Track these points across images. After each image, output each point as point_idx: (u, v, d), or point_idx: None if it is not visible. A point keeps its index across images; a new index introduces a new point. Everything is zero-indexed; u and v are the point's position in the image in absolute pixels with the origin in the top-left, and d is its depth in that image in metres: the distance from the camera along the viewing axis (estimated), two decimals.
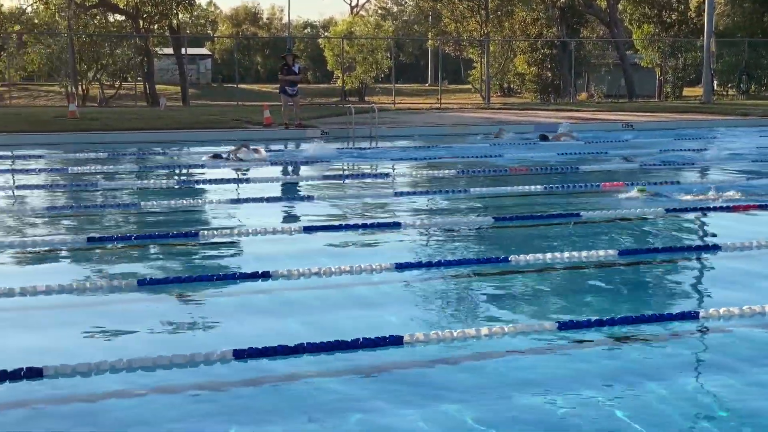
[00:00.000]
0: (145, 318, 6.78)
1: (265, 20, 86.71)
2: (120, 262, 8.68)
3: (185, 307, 7.13)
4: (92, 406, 4.99)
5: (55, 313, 6.86)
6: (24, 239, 9.58)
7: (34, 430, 4.65)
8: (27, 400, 5.03)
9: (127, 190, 13.74)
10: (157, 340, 6.17)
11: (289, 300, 7.33)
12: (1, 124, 24.26)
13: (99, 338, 6.27)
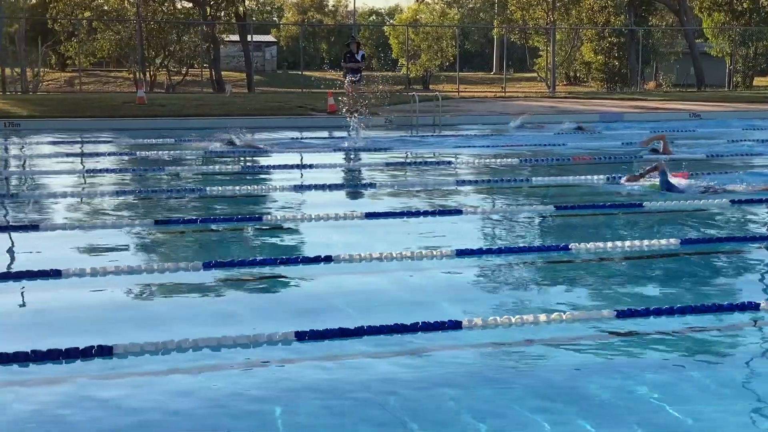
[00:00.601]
0: (210, 299, 6.95)
1: (330, 7, 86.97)
2: (186, 245, 8.87)
3: (248, 289, 7.28)
4: (159, 381, 5.14)
5: (124, 293, 7.03)
6: (95, 221, 9.82)
7: (107, 405, 4.79)
8: (98, 376, 5.19)
9: (193, 175, 13.97)
10: (221, 320, 6.30)
11: (351, 284, 7.44)
12: (72, 110, 24.76)
13: (166, 318, 6.42)
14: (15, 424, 4.51)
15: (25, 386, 5.04)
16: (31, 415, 4.63)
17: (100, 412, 4.69)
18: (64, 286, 7.11)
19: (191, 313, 6.59)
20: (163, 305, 6.79)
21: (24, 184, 13.36)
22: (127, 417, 4.63)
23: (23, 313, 6.55)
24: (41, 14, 47.25)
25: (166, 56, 46.01)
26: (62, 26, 44.87)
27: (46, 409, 4.73)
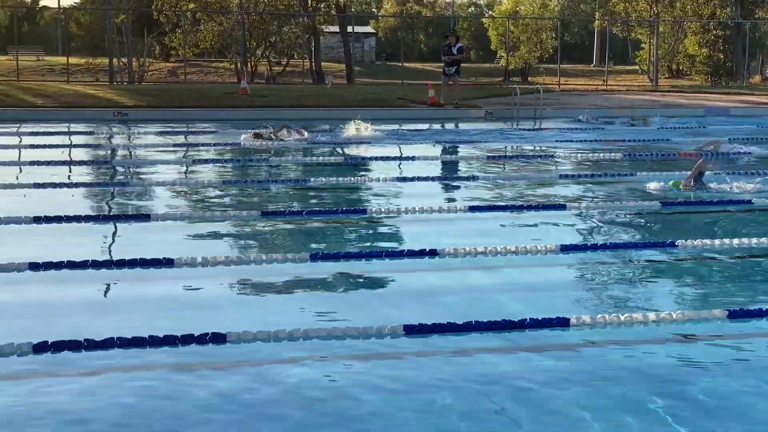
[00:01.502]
0: (318, 290, 7.07)
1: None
2: (292, 236, 9.01)
3: (355, 281, 7.37)
4: (271, 370, 5.25)
5: (233, 282, 7.18)
6: (203, 212, 10.03)
7: (220, 393, 4.91)
8: (212, 362, 5.32)
9: (297, 166, 14.15)
10: (329, 312, 6.39)
11: (456, 278, 7.48)
12: (177, 100, 25.25)
13: (276, 308, 6.55)
14: (131, 408, 4.66)
15: (143, 370, 5.19)
16: (144, 399, 4.77)
17: (215, 399, 4.80)
18: (176, 275, 7.28)
19: (300, 303, 6.70)
20: (273, 295, 6.92)
21: (134, 173, 13.70)
22: (240, 405, 4.73)
23: (138, 300, 6.72)
24: (147, 6, 48.22)
25: (267, 47, 46.50)
26: (167, 18, 45.75)
27: (161, 393, 4.87)
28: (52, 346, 5.29)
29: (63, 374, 5.10)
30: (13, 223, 8.86)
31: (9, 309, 6.33)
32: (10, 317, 6.13)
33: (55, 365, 5.19)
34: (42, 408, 4.61)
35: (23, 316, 6.17)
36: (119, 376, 5.11)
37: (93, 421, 4.49)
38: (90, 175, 13.41)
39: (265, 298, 6.85)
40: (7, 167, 13.52)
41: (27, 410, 4.59)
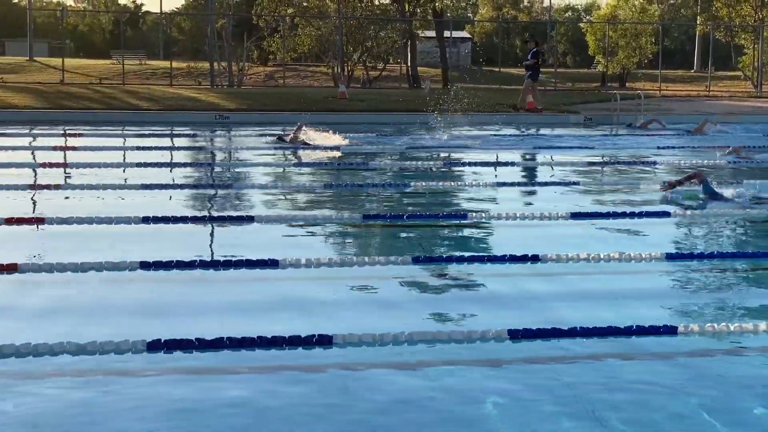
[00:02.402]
0: (421, 294, 7.11)
1: (526, 3, 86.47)
2: (394, 240, 9.07)
3: (458, 285, 7.38)
4: (376, 373, 5.30)
5: (336, 284, 7.26)
6: (305, 214, 10.15)
7: (326, 393, 4.98)
8: (318, 365, 5.39)
9: (396, 170, 14.23)
10: (433, 315, 6.42)
11: (559, 284, 7.44)
12: (276, 103, 25.57)
13: (380, 311, 6.60)
14: (240, 408, 4.74)
15: (252, 371, 5.28)
16: (253, 399, 4.86)
17: (321, 401, 4.86)
18: (281, 276, 7.39)
19: (403, 307, 6.74)
20: (376, 298, 6.98)
21: (237, 175, 13.93)
22: (345, 408, 4.79)
23: (244, 300, 6.84)
24: (247, 11, 48.93)
25: (364, 52, 46.79)
26: (266, 22, 46.39)
27: (269, 393, 4.95)
28: (165, 345, 5.43)
29: (175, 372, 5.23)
30: (123, 223, 9.10)
31: (122, 307, 6.50)
32: (124, 315, 6.29)
33: (168, 363, 5.32)
34: (154, 406, 4.72)
35: (136, 314, 6.33)
36: (229, 376, 5.21)
37: (204, 421, 4.59)
38: (194, 176, 13.71)
39: (369, 300, 6.91)
40: (116, 169, 13.88)
41: (140, 407, 4.70)
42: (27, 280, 7.03)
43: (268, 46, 48.41)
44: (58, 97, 27.30)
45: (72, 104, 25.98)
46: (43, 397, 4.79)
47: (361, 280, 7.38)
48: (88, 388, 4.95)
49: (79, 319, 6.16)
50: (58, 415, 4.58)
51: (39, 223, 9.17)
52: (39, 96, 27.48)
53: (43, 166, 13.83)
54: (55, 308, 6.46)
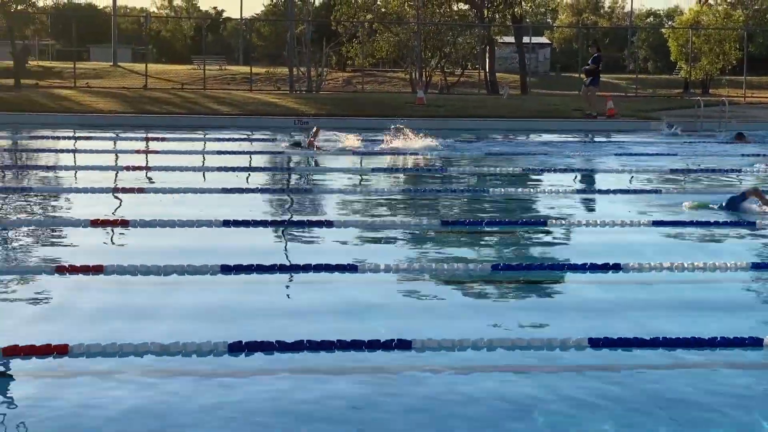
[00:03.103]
0: (500, 300, 7.10)
1: (606, 9, 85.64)
2: (473, 246, 9.05)
3: (537, 292, 7.34)
4: (455, 378, 5.28)
5: (415, 289, 7.27)
6: (383, 220, 10.17)
7: (402, 395, 4.98)
8: (397, 367, 5.41)
9: (475, 176, 14.20)
10: (512, 322, 6.39)
11: (640, 293, 7.35)
12: (355, 109, 25.68)
13: (459, 317, 6.58)
14: (319, 409, 4.78)
15: (330, 374, 5.31)
16: (330, 401, 4.89)
17: (398, 404, 4.87)
18: (360, 281, 7.42)
19: (482, 312, 6.73)
20: (456, 304, 6.97)
21: (316, 179, 14.03)
22: (424, 411, 4.79)
23: (323, 304, 6.87)
24: (326, 17, 49.29)
25: (442, 58, 46.73)
26: (345, 28, 46.66)
27: (348, 396, 4.97)
28: (246, 347, 5.49)
29: (255, 374, 5.28)
30: (204, 226, 9.22)
31: (204, 309, 6.59)
32: (206, 318, 6.37)
33: (248, 364, 5.38)
34: (234, 406, 4.78)
35: (217, 316, 6.41)
36: (308, 377, 5.25)
37: (281, 423, 4.63)
38: (273, 180, 13.84)
39: (448, 306, 6.90)
40: (196, 173, 14.07)
41: (220, 407, 4.76)
42: (112, 281, 7.16)
43: (346, 51, 48.65)
44: (141, 102, 27.79)
45: (155, 109, 26.41)
46: (127, 396, 4.87)
47: (439, 286, 7.38)
48: (170, 388, 5.03)
49: (162, 320, 6.26)
50: (139, 414, 4.65)
51: (123, 225, 9.33)
52: (123, 101, 28.00)
53: (126, 169, 14.09)
54: (139, 309, 6.57)
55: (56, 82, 41.00)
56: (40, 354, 5.29)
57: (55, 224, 9.53)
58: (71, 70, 41.69)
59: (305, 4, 46.37)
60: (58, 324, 6.11)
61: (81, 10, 78.17)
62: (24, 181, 13.01)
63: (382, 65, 54.21)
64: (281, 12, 52.19)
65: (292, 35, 39.67)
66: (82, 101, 27.61)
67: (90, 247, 8.44)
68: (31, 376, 5.11)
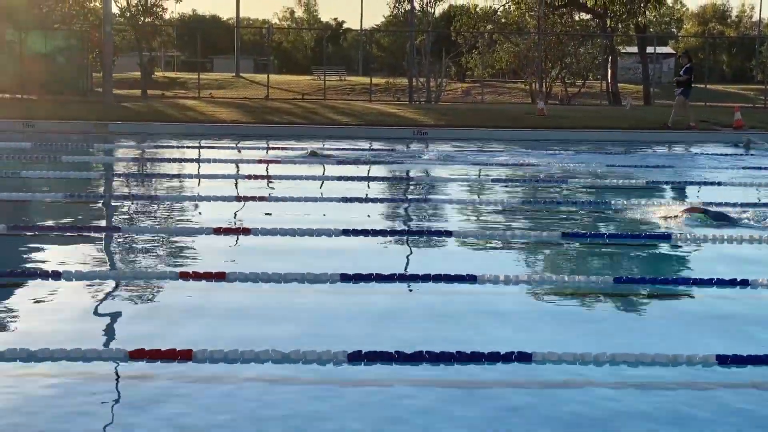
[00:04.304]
0: (622, 314, 6.97)
1: (733, 18, 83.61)
2: (594, 259, 8.90)
3: (661, 307, 7.19)
4: (574, 391, 5.19)
5: (534, 301, 7.19)
6: (502, 231, 10.08)
7: (522, 409, 4.92)
8: (517, 381, 5.34)
9: (595, 188, 13.99)
10: (634, 337, 6.26)
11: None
12: (474, 120, 25.61)
13: (579, 330, 6.47)
14: (437, 422, 4.75)
15: (450, 386, 5.27)
16: (450, 411, 4.85)
17: (516, 417, 4.81)
18: (478, 292, 7.36)
19: (603, 326, 6.61)
20: (576, 317, 6.85)
21: (434, 189, 14.02)
22: (543, 423, 4.72)
23: (441, 314, 6.85)
24: (446, 28, 49.37)
25: (563, 68, 46.31)
26: (464, 39, 46.65)
27: (464, 406, 4.93)
28: (365, 356, 5.49)
29: (374, 384, 5.28)
30: (324, 235, 9.28)
31: (323, 317, 6.63)
32: (325, 326, 6.41)
33: (367, 374, 5.38)
34: (351, 415, 4.79)
35: (336, 325, 6.44)
36: (426, 390, 5.22)
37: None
38: (392, 190, 13.88)
39: (569, 319, 6.79)
40: (316, 182, 14.22)
41: (337, 417, 4.77)
42: (234, 288, 7.26)
43: (466, 62, 48.67)
44: (263, 112, 28.25)
45: (275, 119, 26.82)
46: (247, 402, 4.92)
47: (560, 298, 7.28)
48: (290, 395, 5.07)
49: (282, 327, 6.32)
50: (257, 420, 4.70)
51: (245, 233, 9.47)
52: (245, 111, 28.51)
53: (248, 178, 14.31)
54: (260, 316, 6.65)
55: (181, 92, 42.13)
56: (164, 358, 5.39)
57: (179, 232, 9.74)
58: (195, 80, 42.76)
59: (425, 14, 46.45)
60: (181, 329, 6.22)
61: (205, 22, 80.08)
62: (149, 189, 13.33)
63: (502, 76, 54.02)
64: (401, 23, 52.45)
65: (412, 46, 39.86)
66: (206, 111, 28.23)
67: (213, 254, 8.58)
68: (156, 380, 5.20)
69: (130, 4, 39.40)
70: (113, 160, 18.45)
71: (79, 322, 6.35)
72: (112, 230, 9.84)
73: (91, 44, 36.16)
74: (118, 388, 5.10)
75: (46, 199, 11.65)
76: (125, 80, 41.31)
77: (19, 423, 4.57)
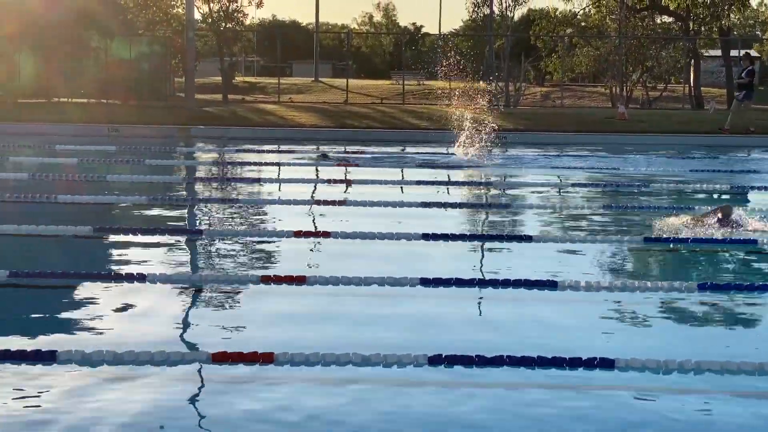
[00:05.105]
0: (706, 322, 6.88)
1: None
2: (678, 264, 8.77)
3: (747, 314, 7.05)
4: (659, 401, 5.11)
5: (616, 308, 7.10)
6: (584, 236, 9.98)
7: (603, 417, 4.86)
8: (599, 387, 5.28)
9: (679, 193, 13.79)
10: (720, 344, 6.16)
11: None
12: (553, 124, 25.41)
13: (661, 337, 6.38)
14: (518, 426, 4.72)
15: (529, 389, 5.24)
16: (530, 416, 4.82)
17: (597, 424, 4.76)
18: (559, 298, 7.30)
19: (688, 334, 6.53)
20: (659, 323, 6.76)
21: (515, 194, 13.95)
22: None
23: (521, 320, 6.81)
24: (525, 32, 49.12)
25: (644, 72, 45.72)
26: (544, 43, 46.36)
27: (544, 412, 4.89)
28: (445, 359, 5.48)
29: (456, 386, 5.27)
30: (403, 239, 9.29)
31: (403, 321, 6.63)
32: (405, 329, 6.41)
33: (447, 377, 5.37)
34: (433, 418, 4.79)
35: (416, 328, 6.44)
36: (507, 393, 5.21)
37: None
38: (472, 195, 13.85)
39: (652, 325, 6.70)
40: (395, 186, 14.22)
41: (420, 420, 4.77)
42: (314, 292, 7.30)
43: (545, 66, 48.37)
44: (342, 116, 28.40)
45: (354, 123, 26.95)
46: (327, 405, 4.95)
47: (643, 305, 7.16)
48: (371, 398, 5.08)
49: (363, 330, 6.34)
50: (338, 423, 4.72)
51: (325, 236, 9.52)
52: (324, 115, 28.69)
53: (328, 182, 14.40)
54: (340, 320, 6.68)
55: (260, 97, 42.55)
56: (247, 361, 5.44)
57: (260, 235, 9.84)
58: (275, 85, 43.13)
59: (504, 18, 46.29)
60: (263, 332, 6.27)
61: (285, 27, 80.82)
62: (231, 192, 13.48)
63: (581, 79, 53.54)
64: (480, 27, 52.33)
65: (491, 50, 39.72)
66: (285, 115, 28.48)
67: (293, 258, 8.65)
68: (239, 382, 5.26)
69: (212, 10, 39.91)
70: (195, 163, 18.71)
71: (162, 325, 6.44)
72: (195, 233, 9.98)
73: (173, 50, 36.74)
74: (201, 390, 5.17)
75: (131, 202, 11.84)
76: (206, 85, 41.83)
77: (108, 425, 4.65)
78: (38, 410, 4.78)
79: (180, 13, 39.32)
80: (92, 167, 15.95)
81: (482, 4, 47.86)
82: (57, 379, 5.20)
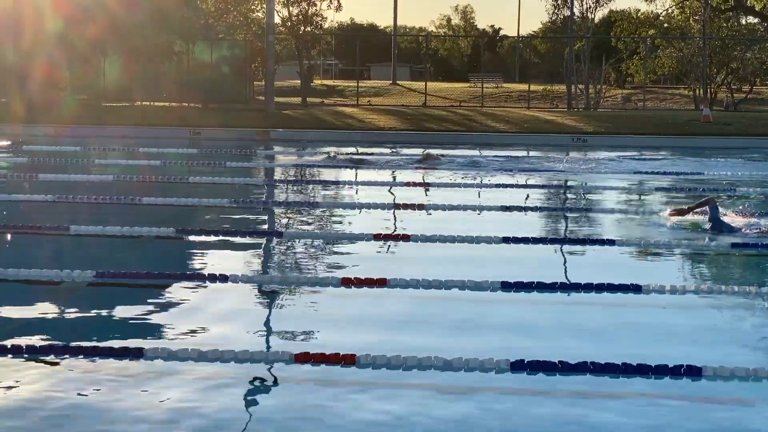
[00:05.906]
0: None
1: None
2: (764, 269, 8.58)
3: None
4: (748, 411, 5.01)
5: (703, 313, 6.97)
6: (668, 239, 9.80)
7: (690, 426, 4.76)
8: (685, 395, 5.18)
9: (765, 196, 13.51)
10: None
11: None
12: (634, 127, 25.09)
13: (748, 343, 6.24)
14: None
15: (612, 398, 5.16)
16: (614, 423, 4.74)
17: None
18: (643, 302, 7.18)
19: (760, 340, 6.37)
20: (746, 329, 6.62)
21: (596, 198, 13.79)
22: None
23: (605, 325, 6.73)
24: (605, 33, 48.58)
25: (729, 73, 44.86)
26: (625, 44, 45.77)
27: (628, 420, 4.80)
28: (528, 366, 5.42)
29: (537, 393, 5.21)
30: (484, 242, 9.23)
31: (485, 325, 6.59)
32: (487, 333, 6.37)
33: (529, 383, 5.31)
34: (512, 425, 4.74)
35: (498, 333, 6.39)
36: (591, 401, 5.13)
37: None
38: (552, 198, 13.72)
39: (740, 331, 6.56)
40: (475, 189, 14.17)
41: (501, 426, 4.72)
42: (395, 294, 7.28)
43: (626, 68, 47.75)
44: (420, 119, 28.39)
45: (433, 126, 26.91)
46: (405, 408, 4.91)
47: (729, 310, 7.02)
48: (452, 403, 5.04)
49: (443, 334, 6.31)
50: (415, 428, 4.69)
51: (405, 239, 9.51)
52: (403, 118, 28.71)
53: (407, 185, 14.39)
54: (421, 322, 6.66)
55: (339, 99, 42.75)
56: (329, 362, 5.45)
57: (340, 237, 9.86)
58: (353, 88, 43.32)
59: (584, 20, 45.83)
60: (345, 334, 6.28)
61: (363, 30, 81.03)
62: (311, 195, 13.54)
63: (663, 81, 52.76)
64: (559, 29, 51.91)
65: (571, 52, 39.35)
66: (364, 118, 28.57)
67: (373, 260, 8.65)
68: (320, 384, 5.26)
69: (292, 14, 40.22)
70: (275, 166, 18.85)
71: (245, 325, 6.49)
72: (275, 235, 10.05)
73: (253, 54, 37.09)
74: (282, 390, 5.19)
75: (212, 204, 11.97)
76: (285, 88, 42.16)
77: (191, 421, 4.69)
78: (123, 404, 4.84)
79: (260, 17, 39.71)
80: (175, 170, 16.16)
81: (562, 6, 47.42)
82: (143, 375, 5.27)
